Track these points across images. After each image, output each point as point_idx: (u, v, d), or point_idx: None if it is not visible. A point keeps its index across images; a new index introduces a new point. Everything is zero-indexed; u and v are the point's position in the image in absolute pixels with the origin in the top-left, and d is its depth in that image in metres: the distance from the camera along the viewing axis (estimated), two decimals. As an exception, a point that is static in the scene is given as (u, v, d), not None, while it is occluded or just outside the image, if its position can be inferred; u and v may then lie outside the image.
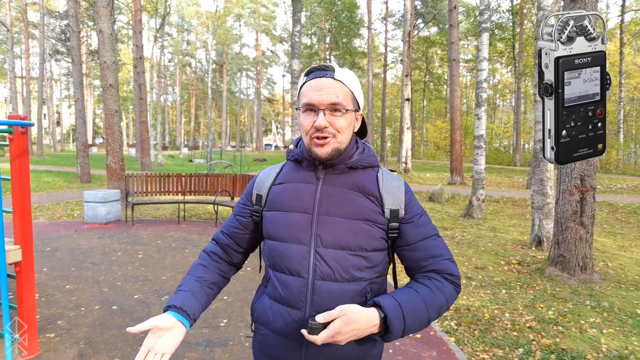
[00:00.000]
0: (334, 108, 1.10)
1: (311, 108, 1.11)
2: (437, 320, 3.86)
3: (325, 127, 1.09)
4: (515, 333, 3.55)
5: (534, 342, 3.38)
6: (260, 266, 1.40)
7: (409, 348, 3.27)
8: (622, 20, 26.96)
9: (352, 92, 1.14)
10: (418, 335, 3.51)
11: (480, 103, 9.20)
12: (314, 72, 1.14)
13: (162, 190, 8.67)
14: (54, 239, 6.55)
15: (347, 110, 1.12)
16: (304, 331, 0.99)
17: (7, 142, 2.85)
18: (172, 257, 5.70)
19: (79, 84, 15.12)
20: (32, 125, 2.76)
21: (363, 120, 1.23)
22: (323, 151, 1.11)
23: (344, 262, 1.11)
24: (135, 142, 36.71)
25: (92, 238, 6.75)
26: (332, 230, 1.11)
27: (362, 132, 1.26)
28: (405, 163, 19.80)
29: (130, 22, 26.93)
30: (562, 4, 6.24)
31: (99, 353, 3.09)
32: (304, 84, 1.15)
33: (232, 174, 8.87)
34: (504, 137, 42.30)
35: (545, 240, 6.33)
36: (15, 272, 2.93)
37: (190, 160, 33.75)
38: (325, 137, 1.10)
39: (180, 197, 8.78)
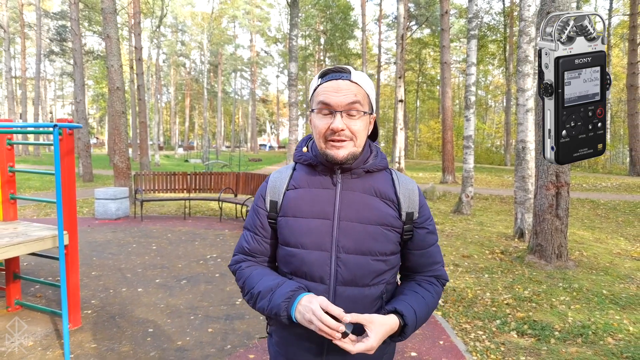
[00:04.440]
0: (351, 110, 1.09)
1: (328, 109, 1.09)
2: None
3: (342, 130, 1.08)
4: (494, 308, 4.07)
5: (510, 315, 3.90)
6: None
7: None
8: (609, 24, 27.80)
9: (367, 94, 1.14)
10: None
11: (469, 105, 9.75)
12: (330, 74, 1.13)
13: (168, 188, 9.12)
14: (70, 233, 6.99)
15: (364, 112, 1.11)
16: (337, 342, 1.00)
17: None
18: (184, 248, 6.17)
19: (81, 85, 15.50)
20: (80, 127, 3.22)
21: (375, 123, 1.23)
22: (339, 154, 1.09)
23: (365, 268, 1.12)
24: (130, 142, 37.02)
25: (106, 232, 7.20)
26: (353, 236, 1.12)
27: (373, 135, 1.26)
28: (399, 163, 20.34)
29: (126, 23, 27.27)
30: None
31: (134, 325, 3.56)
32: (318, 85, 1.14)
33: (235, 172, 9.36)
34: (496, 137, 43.08)
35: (526, 232, 6.88)
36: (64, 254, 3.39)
37: (187, 160, 34.08)
38: (342, 140, 1.09)
39: (185, 195, 9.23)
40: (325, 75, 1.14)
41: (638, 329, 3.60)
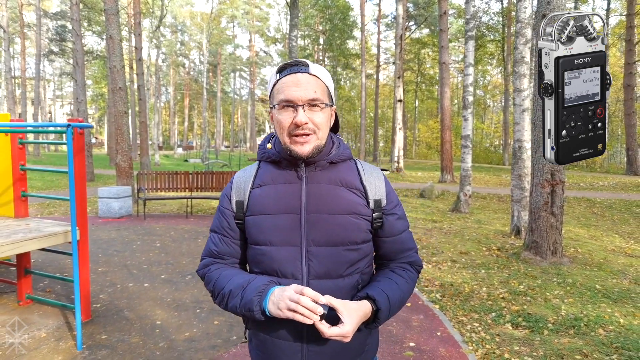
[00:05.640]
0: (313, 104, 1.09)
1: (289, 104, 1.09)
2: (423, 292, 4.51)
3: (306, 123, 1.08)
4: (490, 302, 4.21)
5: (505, 309, 4.03)
6: None
7: (400, 313, 3.91)
8: (607, 24, 28.01)
9: (327, 87, 1.15)
10: (408, 304, 4.15)
11: (467, 105, 9.89)
12: (288, 68, 1.12)
13: (170, 187, 9.24)
14: (75, 231, 7.11)
15: (325, 105, 1.12)
16: (317, 323, 0.99)
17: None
18: (187, 246, 6.30)
19: (83, 85, 15.61)
20: (92, 127, 3.35)
21: (336, 114, 1.23)
22: (304, 150, 1.09)
23: (337, 258, 1.12)
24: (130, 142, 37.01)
25: (110, 230, 7.32)
26: (321, 228, 1.11)
27: (334, 127, 1.25)
28: (398, 162, 20.50)
29: (126, 23, 27.36)
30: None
31: (142, 318, 3.69)
32: (277, 80, 1.13)
33: (237, 171, 9.49)
34: (494, 136, 43.27)
35: (523, 229, 7.02)
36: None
37: (186, 160, 34.19)
38: (307, 134, 1.09)
39: (187, 194, 9.35)
40: (283, 70, 1.13)
41: (629, 321, 3.73)
